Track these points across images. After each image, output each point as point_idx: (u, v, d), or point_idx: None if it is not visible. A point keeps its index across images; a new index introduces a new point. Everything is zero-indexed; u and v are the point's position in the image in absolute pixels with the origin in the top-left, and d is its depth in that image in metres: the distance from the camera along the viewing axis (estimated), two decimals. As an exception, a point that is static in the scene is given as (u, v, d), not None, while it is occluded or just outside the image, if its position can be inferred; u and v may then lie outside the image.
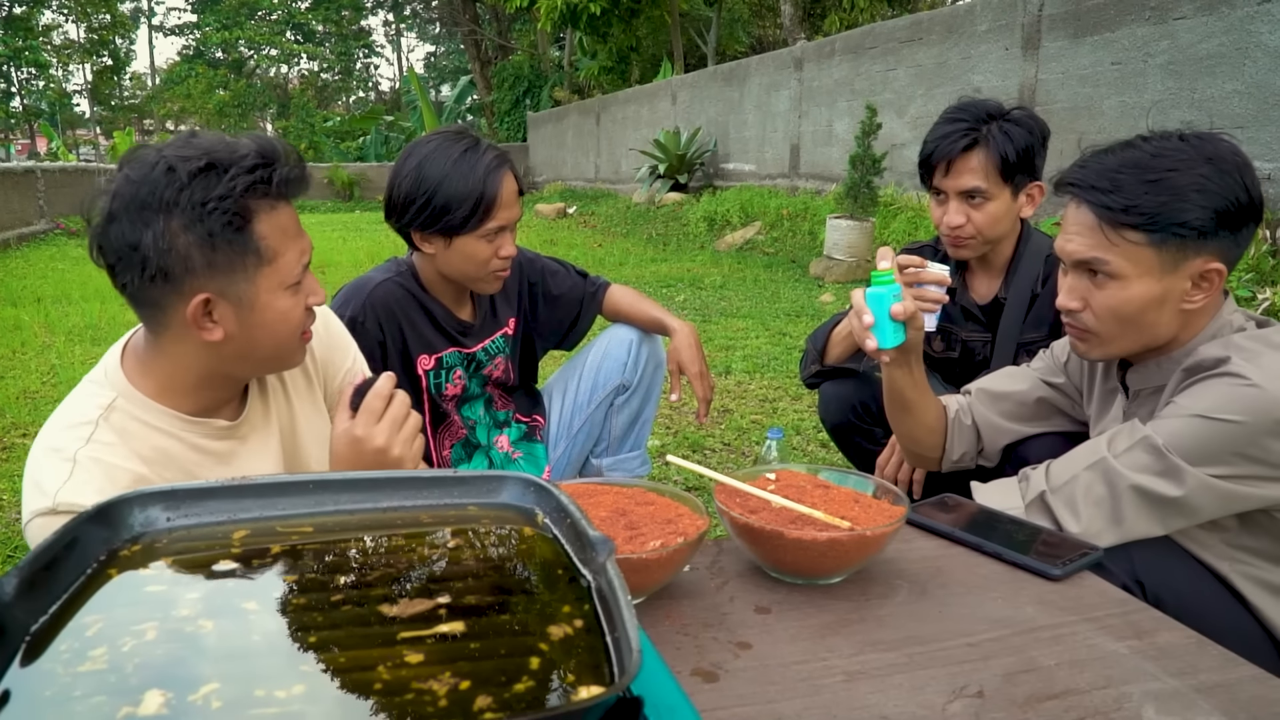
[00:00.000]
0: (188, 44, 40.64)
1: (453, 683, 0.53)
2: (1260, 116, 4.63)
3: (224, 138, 1.06)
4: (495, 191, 1.61)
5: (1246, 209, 1.11)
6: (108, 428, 1.07)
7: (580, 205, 13.24)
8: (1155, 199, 1.10)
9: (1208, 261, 1.11)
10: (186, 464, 1.13)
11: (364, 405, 1.11)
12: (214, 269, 1.03)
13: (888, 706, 0.76)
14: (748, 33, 17.22)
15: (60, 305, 5.96)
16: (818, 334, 1.99)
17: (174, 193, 0.99)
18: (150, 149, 1.03)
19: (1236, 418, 1.05)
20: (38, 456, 1.07)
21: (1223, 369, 1.08)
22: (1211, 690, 0.78)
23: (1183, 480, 1.07)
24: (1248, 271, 4.33)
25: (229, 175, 1.01)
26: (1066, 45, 5.80)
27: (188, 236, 1.01)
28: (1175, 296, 1.14)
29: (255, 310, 1.08)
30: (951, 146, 1.66)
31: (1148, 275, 1.13)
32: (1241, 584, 1.15)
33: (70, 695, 0.51)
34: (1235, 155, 1.13)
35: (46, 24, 35.21)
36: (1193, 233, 1.09)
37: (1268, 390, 1.04)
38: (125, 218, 1.00)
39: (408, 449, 1.11)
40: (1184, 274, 1.12)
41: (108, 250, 1.03)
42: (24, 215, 10.84)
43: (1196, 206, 1.09)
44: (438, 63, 42.73)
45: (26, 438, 3.17)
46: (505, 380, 1.93)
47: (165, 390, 1.12)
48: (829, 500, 1.03)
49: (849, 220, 6.57)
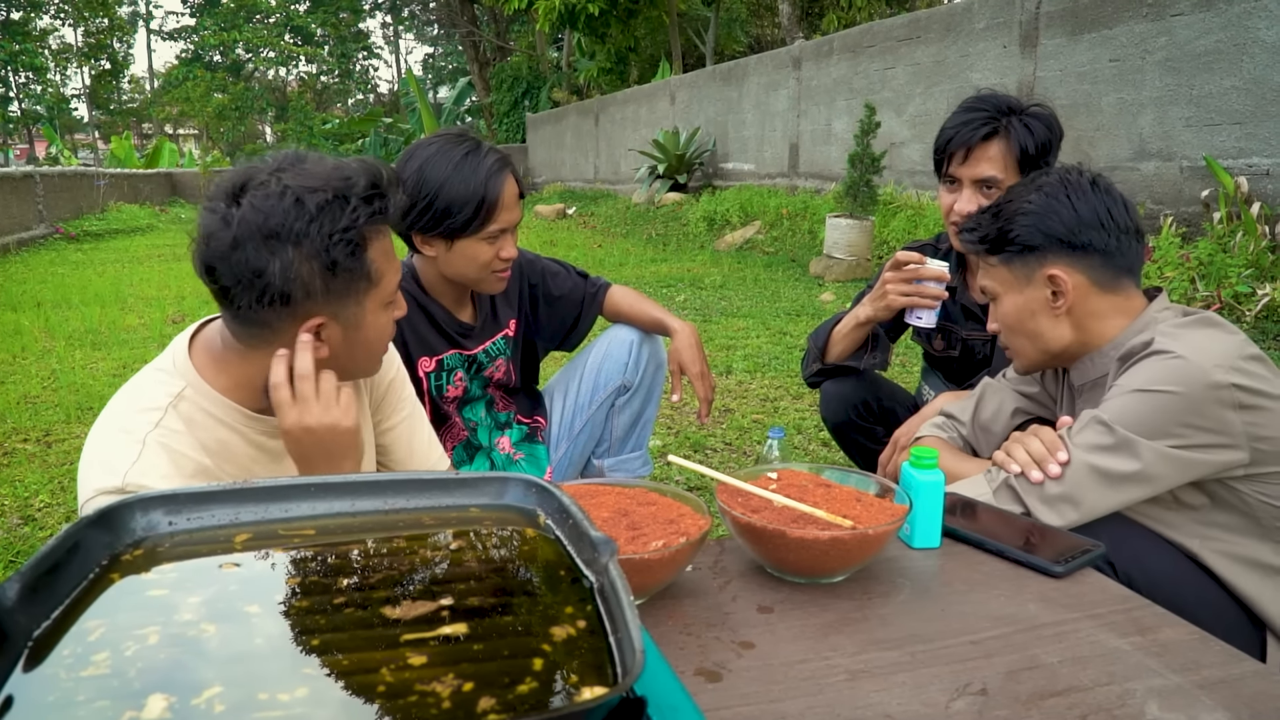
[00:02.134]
0: (186, 47, 40.67)
1: (456, 684, 0.53)
2: (1258, 112, 4.63)
3: (332, 161, 1.08)
4: (497, 194, 1.61)
5: (1078, 224, 1.27)
6: (176, 415, 1.09)
7: (580, 206, 13.24)
8: (994, 226, 1.34)
9: (1048, 269, 1.29)
10: (244, 459, 1.15)
11: (272, 400, 1.10)
12: (331, 294, 1.07)
13: (891, 705, 0.76)
14: (746, 32, 17.23)
15: (60, 310, 5.97)
16: (819, 332, 1.98)
17: (304, 224, 1.02)
18: (262, 172, 1.05)
19: (1173, 388, 1.15)
20: (105, 436, 1.08)
21: (1151, 349, 1.20)
22: (1214, 686, 0.78)
23: (1137, 453, 1.16)
24: (1247, 267, 4.33)
25: (351, 206, 1.05)
26: (1064, 42, 5.80)
27: (312, 265, 1.04)
28: (1040, 305, 1.32)
29: (360, 329, 1.12)
30: (972, 134, 1.65)
31: (1011, 290, 1.35)
32: (1213, 559, 1.21)
33: (73, 700, 0.51)
34: (1065, 176, 1.31)
35: (44, 28, 35.23)
36: (1022, 247, 1.30)
37: (1193, 360, 1.15)
38: (251, 246, 1.02)
39: (334, 411, 1.10)
40: (1037, 283, 1.31)
41: (225, 274, 1.04)
42: (23, 220, 10.85)
43: (1018, 226, 1.30)
44: (436, 64, 42.75)
45: (27, 443, 3.17)
46: (506, 382, 1.93)
47: (237, 387, 1.14)
48: (831, 499, 1.03)
49: (848, 219, 6.56)
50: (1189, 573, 1.20)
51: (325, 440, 1.10)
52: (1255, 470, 1.17)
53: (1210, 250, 4.48)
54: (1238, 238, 4.49)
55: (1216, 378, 1.13)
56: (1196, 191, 4.97)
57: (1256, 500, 1.19)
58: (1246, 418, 1.14)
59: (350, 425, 1.12)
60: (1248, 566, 1.21)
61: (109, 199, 14.39)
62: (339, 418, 1.11)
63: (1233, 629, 1.15)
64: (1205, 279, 4.42)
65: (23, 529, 2.43)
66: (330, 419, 1.10)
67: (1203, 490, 1.21)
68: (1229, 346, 1.18)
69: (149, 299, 6.38)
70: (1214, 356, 1.15)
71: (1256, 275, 4.33)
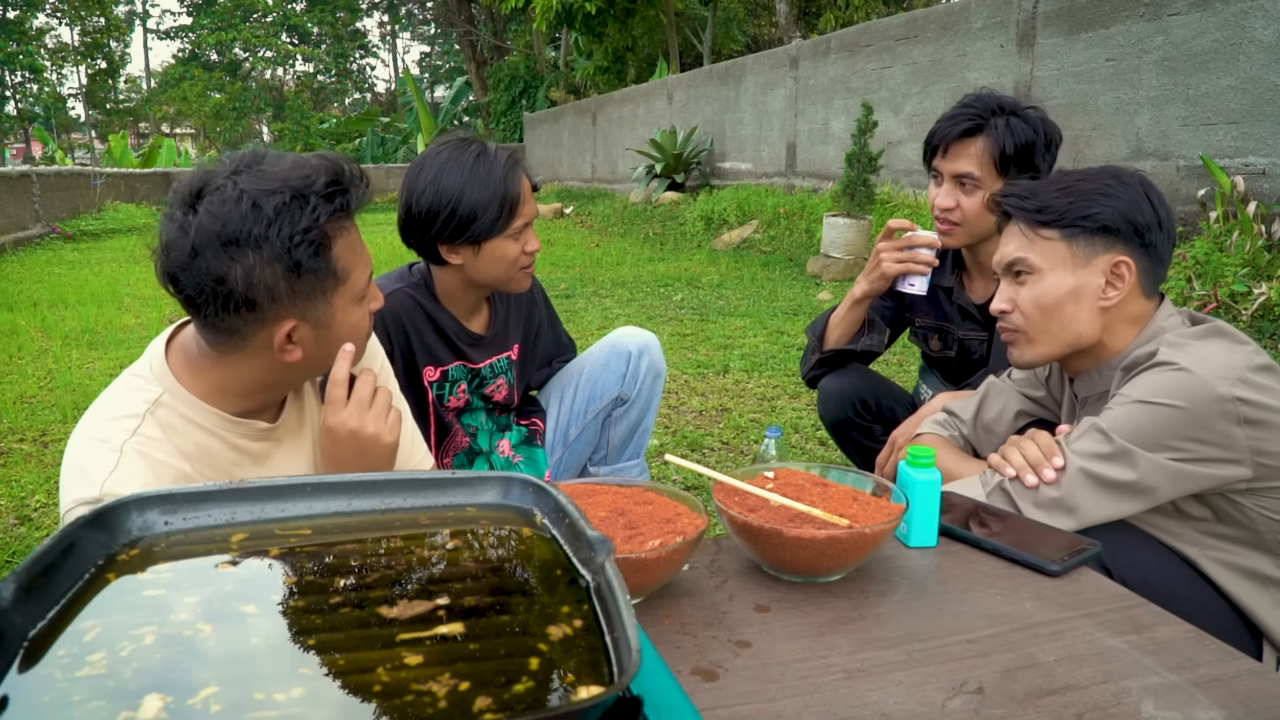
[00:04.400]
0: (183, 47, 40.63)
1: (452, 684, 0.53)
2: (1254, 111, 4.64)
3: (291, 159, 1.07)
4: (516, 190, 1.63)
5: (1153, 222, 1.25)
6: (153, 422, 1.09)
7: (577, 205, 13.24)
8: (1064, 200, 1.27)
9: (1116, 256, 1.24)
10: (225, 463, 1.14)
11: (327, 396, 1.14)
12: (297, 296, 1.06)
13: (888, 704, 0.76)
14: (743, 31, 17.23)
15: (56, 310, 5.95)
16: (816, 324, 2.00)
17: (262, 228, 1.00)
18: (218, 176, 1.03)
19: (1176, 402, 1.13)
20: (81, 445, 1.07)
21: (1154, 360, 1.18)
22: (1210, 684, 0.78)
23: (1135, 463, 1.14)
24: (1243, 266, 4.34)
25: (310, 206, 1.03)
26: (1061, 42, 5.81)
27: (274, 268, 1.02)
28: (1090, 292, 1.26)
29: (331, 328, 1.11)
30: (951, 129, 1.69)
31: (1061, 268, 1.27)
32: (1211, 568, 1.20)
33: (69, 700, 0.51)
34: (1142, 178, 1.29)
35: (40, 27, 35.15)
36: (1098, 226, 1.24)
37: (1197, 373, 1.13)
38: (210, 253, 1.00)
39: (382, 424, 1.14)
40: (1095, 269, 1.25)
41: (187, 284, 1.03)
42: (19, 220, 10.82)
43: (1100, 205, 1.25)
44: (433, 64, 42.71)
45: (23, 443, 3.17)
46: (507, 404, 1.94)
47: (214, 392, 1.13)
48: (828, 498, 1.03)
49: (846, 218, 6.57)
50: (1186, 579, 1.19)
51: (366, 447, 1.13)
52: (1259, 485, 1.15)
53: (1207, 249, 4.49)
54: (1234, 237, 4.50)
55: (1221, 391, 1.11)
56: (1193, 191, 4.98)
57: (1259, 515, 1.17)
58: (1251, 432, 1.12)
59: (391, 441, 1.15)
60: (1246, 577, 1.20)
61: (105, 198, 14.34)
62: (384, 430, 1.14)
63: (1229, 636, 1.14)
64: (1202, 278, 4.43)
65: (19, 529, 2.43)
66: (376, 429, 1.13)
67: (1205, 503, 1.19)
68: (1237, 358, 1.15)
69: (146, 299, 6.37)
70: (1219, 369, 1.13)
71: (1253, 274, 4.33)
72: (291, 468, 1.22)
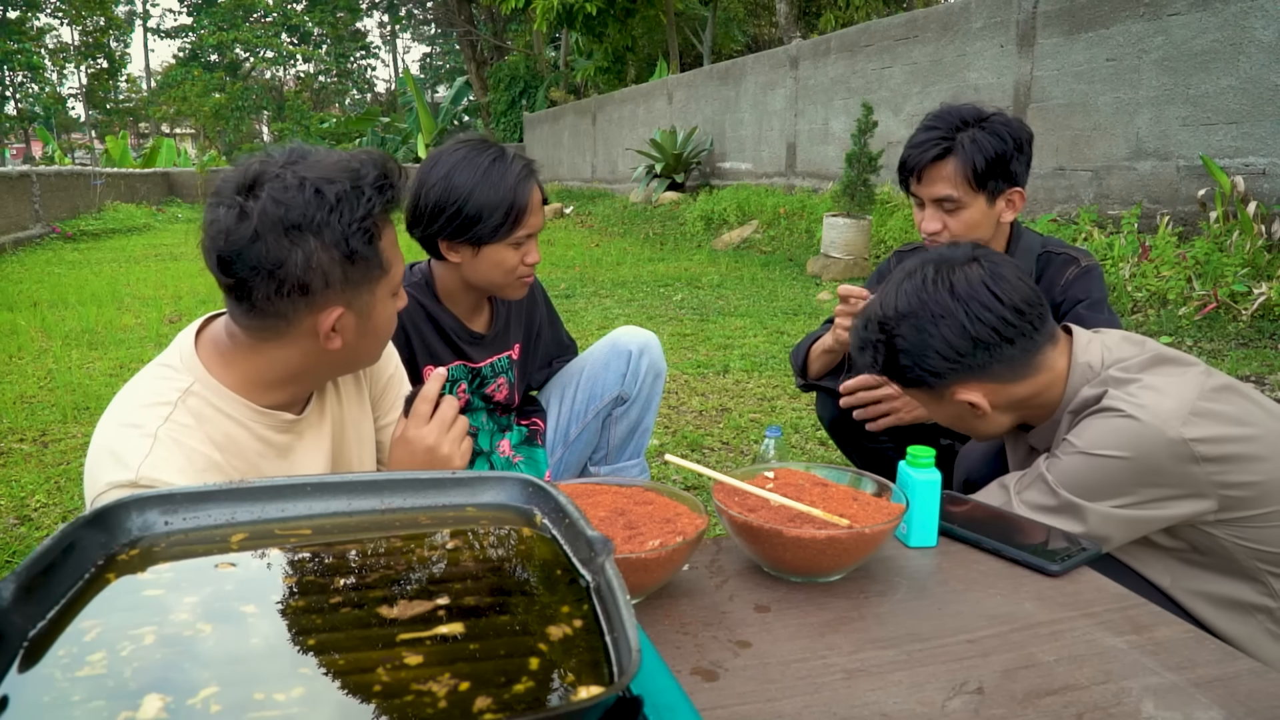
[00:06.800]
0: (183, 46, 40.64)
1: (452, 684, 0.53)
2: (1254, 111, 4.64)
3: (336, 154, 1.11)
4: (525, 200, 1.63)
5: (962, 351, 1.19)
6: (185, 410, 1.10)
7: (577, 205, 13.24)
8: (881, 356, 1.27)
9: (956, 395, 1.23)
10: (251, 454, 1.16)
11: (413, 409, 1.20)
12: (348, 283, 1.09)
13: (887, 704, 0.76)
14: (743, 31, 17.24)
15: (57, 310, 5.95)
16: (798, 350, 1.99)
17: (325, 214, 1.04)
18: (273, 166, 1.06)
19: (1122, 454, 1.11)
20: (112, 430, 1.08)
21: (1101, 405, 1.15)
22: (1210, 684, 0.79)
23: (1083, 517, 1.13)
24: (1243, 266, 4.34)
25: (366, 196, 1.07)
26: (1061, 42, 5.81)
27: (331, 254, 1.05)
28: (965, 412, 1.25)
29: (371, 318, 1.15)
30: (922, 155, 1.67)
31: (930, 405, 1.30)
32: (1183, 598, 1.18)
33: (69, 700, 0.51)
34: (937, 303, 1.20)
35: (41, 27, 35.14)
36: (935, 375, 1.22)
37: (1143, 420, 1.10)
38: (272, 237, 1.03)
39: (455, 447, 1.21)
40: (950, 401, 1.25)
41: (242, 267, 1.04)
42: (19, 220, 10.82)
43: (904, 367, 1.23)
44: (433, 64, 42.73)
45: (23, 443, 3.17)
46: (507, 404, 1.94)
47: (245, 383, 1.15)
48: (827, 498, 1.03)
49: (846, 218, 6.57)
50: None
51: (435, 465, 1.19)
52: (1228, 516, 1.12)
53: (1207, 249, 4.49)
54: (1234, 237, 4.50)
55: (1170, 435, 1.08)
56: (1193, 191, 4.98)
57: (1234, 544, 1.14)
58: (1210, 468, 1.09)
59: (460, 466, 1.19)
60: (1228, 607, 1.17)
61: (106, 198, 14.34)
62: (456, 454, 1.21)
63: None
64: (1202, 278, 4.43)
65: (19, 529, 2.43)
66: (450, 450, 1.20)
67: (1177, 535, 1.17)
68: (1186, 391, 1.12)
69: (146, 299, 6.37)
70: (1166, 412, 1.09)
71: (1253, 274, 4.33)
72: (311, 460, 1.24)
